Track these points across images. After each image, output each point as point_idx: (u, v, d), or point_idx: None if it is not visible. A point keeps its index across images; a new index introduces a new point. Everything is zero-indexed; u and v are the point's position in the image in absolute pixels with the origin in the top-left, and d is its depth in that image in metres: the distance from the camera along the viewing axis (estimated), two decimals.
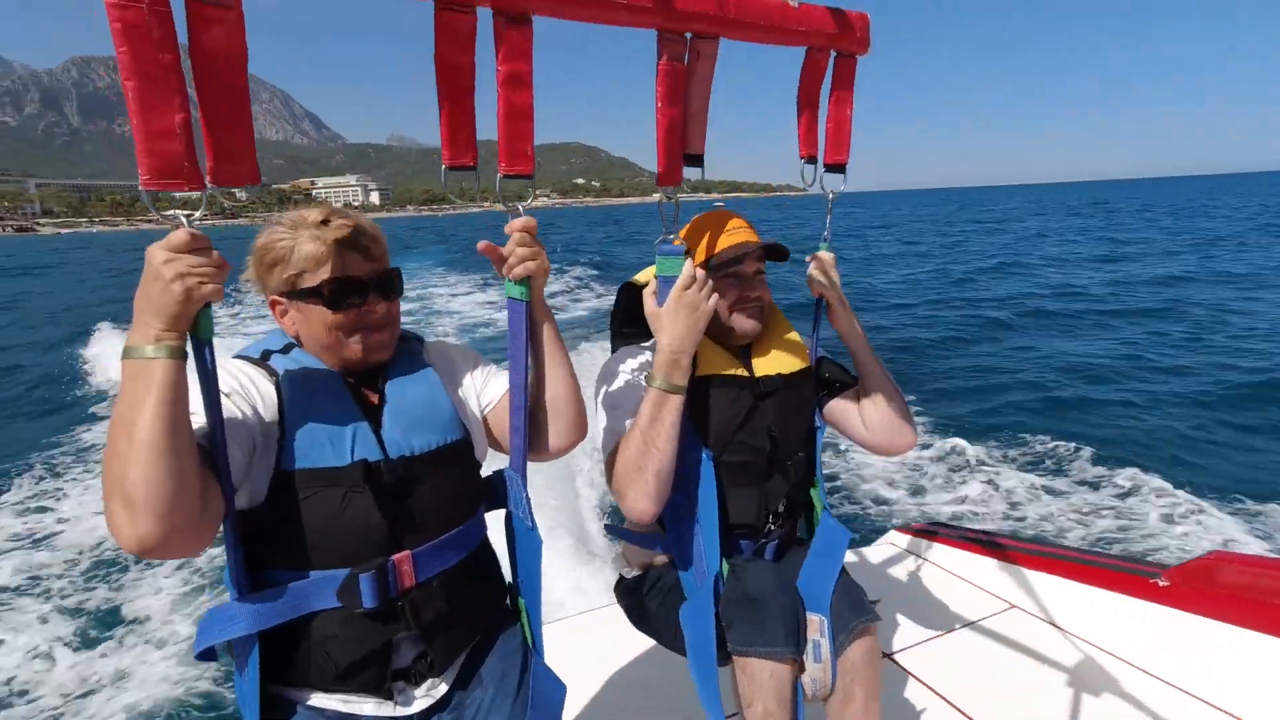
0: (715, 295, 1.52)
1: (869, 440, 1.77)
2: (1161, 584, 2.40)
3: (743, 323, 1.72)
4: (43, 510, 6.30)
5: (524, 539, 1.46)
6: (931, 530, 3.32)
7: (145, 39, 0.91)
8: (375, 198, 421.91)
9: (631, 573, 1.87)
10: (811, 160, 1.71)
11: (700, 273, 1.50)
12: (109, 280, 32.77)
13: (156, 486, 0.97)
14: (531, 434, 1.44)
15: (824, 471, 1.87)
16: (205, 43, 0.97)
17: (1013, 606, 2.76)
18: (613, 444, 1.57)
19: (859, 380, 1.80)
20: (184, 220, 1.01)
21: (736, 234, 1.71)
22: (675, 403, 1.47)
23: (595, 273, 24.96)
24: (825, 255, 1.73)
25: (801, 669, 1.52)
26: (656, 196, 1.46)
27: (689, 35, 1.40)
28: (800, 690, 1.52)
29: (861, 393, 1.78)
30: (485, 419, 1.49)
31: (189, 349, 1.04)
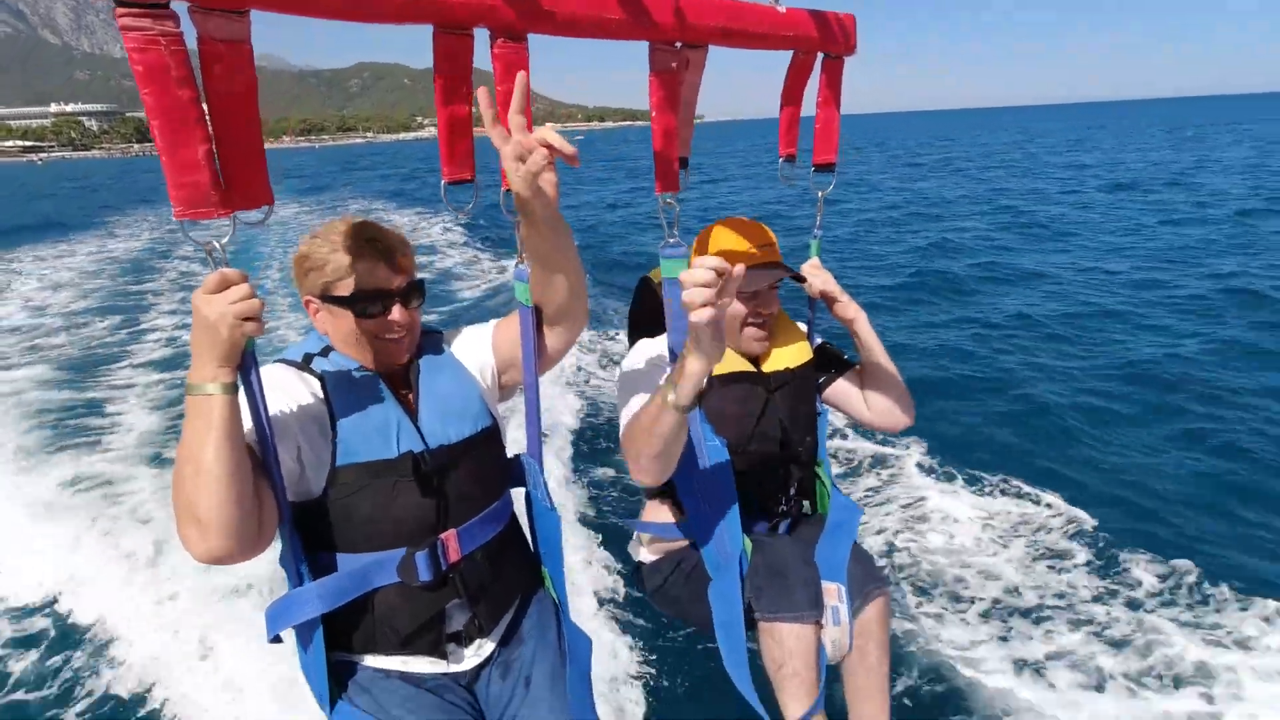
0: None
1: (872, 420, 1.89)
2: None
3: (751, 343, 1.79)
4: None
5: (545, 518, 1.60)
6: None
7: (166, 79, 0.96)
8: None
9: (651, 558, 1.96)
10: (790, 159, 1.78)
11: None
12: None
13: (223, 509, 1.11)
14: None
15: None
16: (218, 77, 1.03)
17: None
18: (625, 420, 1.64)
19: (862, 364, 1.88)
20: (217, 246, 1.09)
21: (756, 254, 1.71)
22: (679, 420, 1.39)
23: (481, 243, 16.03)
24: (811, 262, 1.82)
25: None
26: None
27: (679, 45, 1.45)
28: (823, 651, 1.64)
29: (865, 375, 1.88)
30: (498, 368, 1.57)
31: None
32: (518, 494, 1.65)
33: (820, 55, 1.66)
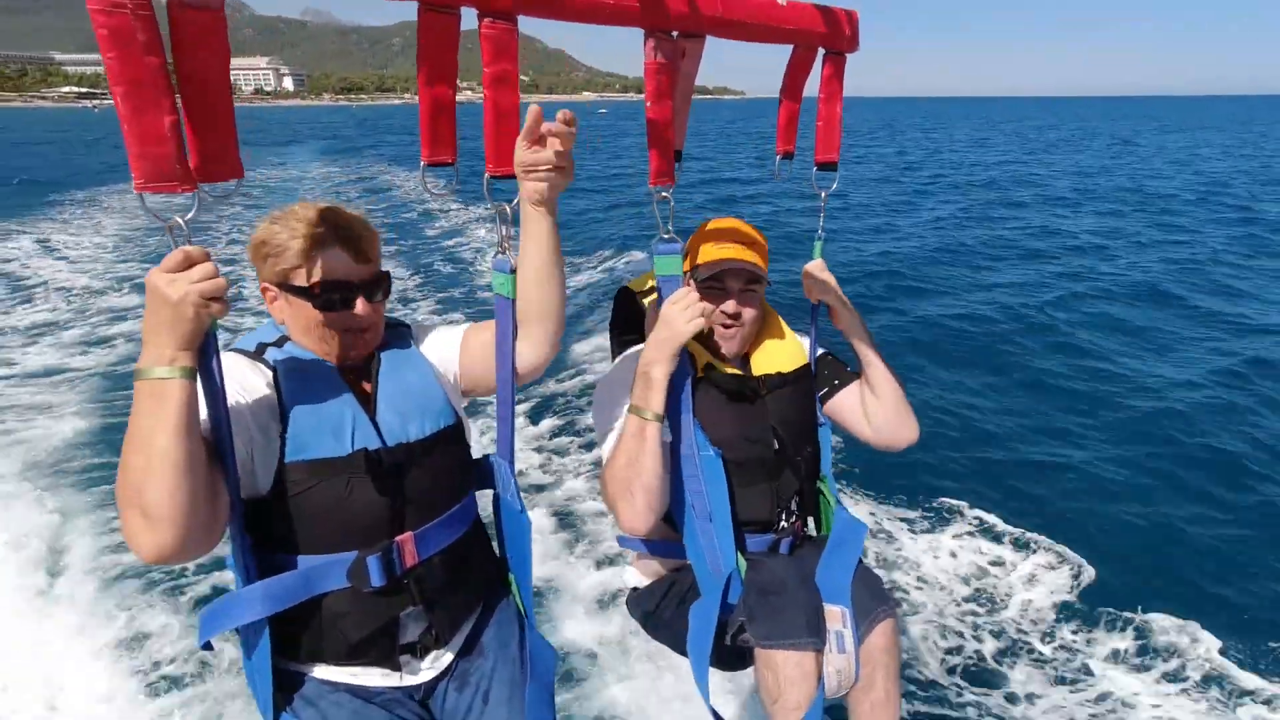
0: (701, 319, 1.45)
1: (872, 437, 1.77)
2: None
3: (720, 341, 1.70)
4: None
5: (514, 521, 1.52)
6: None
7: (132, 44, 0.92)
8: (289, 83, 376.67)
9: (642, 580, 1.85)
10: (788, 156, 1.72)
11: (691, 291, 1.47)
12: None
13: (174, 499, 1.03)
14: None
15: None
16: (189, 45, 0.98)
17: None
18: (603, 448, 1.58)
19: (862, 377, 1.78)
20: (180, 223, 1.04)
21: (726, 248, 1.65)
22: (654, 429, 1.46)
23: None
24: (814, 263, 1.72)
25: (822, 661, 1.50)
26: (588, 96, 1.41)
27: (676, 34, 1.41)
28: (823, 683, 1.48)
29: (865, 389, 1.77)
30: (460, 374, 1.51)
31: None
32: (485, 497, 1.57)
33: (821, 51, 1.61)
